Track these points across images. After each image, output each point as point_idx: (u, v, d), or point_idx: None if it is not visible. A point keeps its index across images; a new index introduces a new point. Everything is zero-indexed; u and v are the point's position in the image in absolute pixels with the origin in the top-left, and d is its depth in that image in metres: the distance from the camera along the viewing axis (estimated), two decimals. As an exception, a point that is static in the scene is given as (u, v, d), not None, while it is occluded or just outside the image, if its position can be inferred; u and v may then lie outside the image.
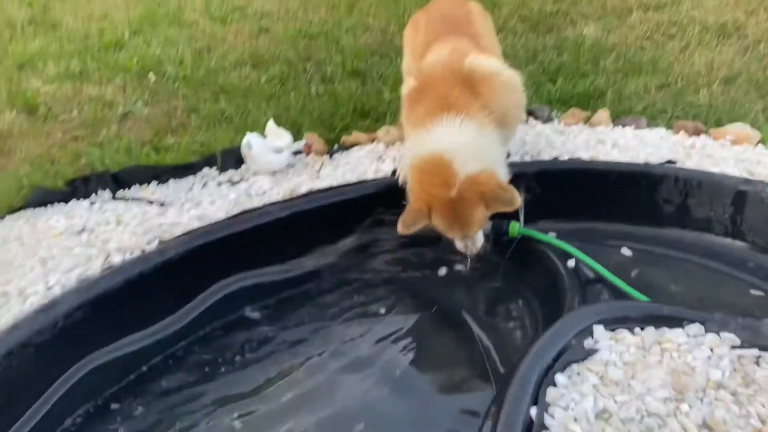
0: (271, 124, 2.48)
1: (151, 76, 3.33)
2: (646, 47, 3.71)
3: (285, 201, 2.20)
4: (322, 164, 2.45)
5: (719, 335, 1.51)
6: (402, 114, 2.23)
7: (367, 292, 2.16)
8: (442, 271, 2.23)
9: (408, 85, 2.17)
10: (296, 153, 2.50)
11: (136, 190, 2.32)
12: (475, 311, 2.04)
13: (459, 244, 2.00)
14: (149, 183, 2.35)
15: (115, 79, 3.30)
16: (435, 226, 1.90)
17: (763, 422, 1.32)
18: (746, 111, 2.84)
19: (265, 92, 3.18)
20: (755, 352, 1.46)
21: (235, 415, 1.70)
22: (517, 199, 1.82)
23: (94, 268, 1.87)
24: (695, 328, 1.53)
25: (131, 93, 3.13)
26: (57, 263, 1.89)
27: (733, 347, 1.48)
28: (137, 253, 1.94)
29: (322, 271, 2.17)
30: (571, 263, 2.06)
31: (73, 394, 1.69)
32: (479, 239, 2.00)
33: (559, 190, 2.29)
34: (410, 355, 1.91)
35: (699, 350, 1.48)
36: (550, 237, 2.09)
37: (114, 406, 1.73)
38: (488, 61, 2.11)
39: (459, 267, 2.23)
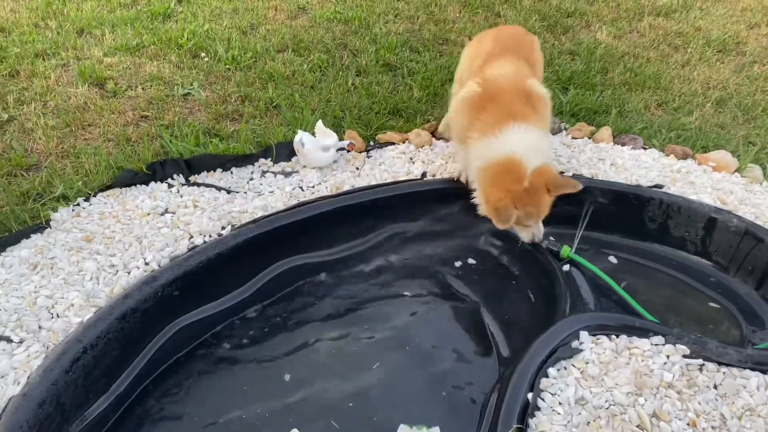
0: (320, 124, 2.86)
1: (204, 56, 3.65)
2: (651, 59, 4.06)
3: (334, 196, 2.61)
4: (363, 162, 2.84)
5: (675, 346, 1.97)
6: (455, 115, 2.63)
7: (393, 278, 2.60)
8: (458, 263, 2.66)
9: (471, 89, 2.53)
10: (340, 150, 2.88)
11: (204, 177, 2.71)
12: (485, 302, 2.49)
13: (526, 235, 2.45)
14: (215, 170, 2.74)
15: (170, 55, 3.63)
16: (523, 213, 2.33)
17: (697, 415, 1.80)
18: (730, 137, 3.24)
19: (308, 81, 3.52)
20: (700, 361, 1.93)
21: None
22: (574, 181, 2.33)
23: (182, 248, 2.29)
24: (658, 339, 1.99)
25: (187, 73, 3.47)
26: (150, 242, 2.30)
27: (684, 356, 1.95)
28: (214, 236, 2.36)
29: (359, 255, 2.61)
30: (565, 268, 2.51)
31: (167, 347, 2.15)
32: (542, 227, 2.44)
33: (567, 202, 2.70)
34: (430, 331, 2.35)
35: (658, 357, 1.94)
36: (591, 265, 2.47)
37: (200, 351, 2.18)
38: (540, 86, 2.58)
39: (471, 261, 2.67)
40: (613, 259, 2.65)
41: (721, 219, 2.56)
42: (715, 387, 1.87)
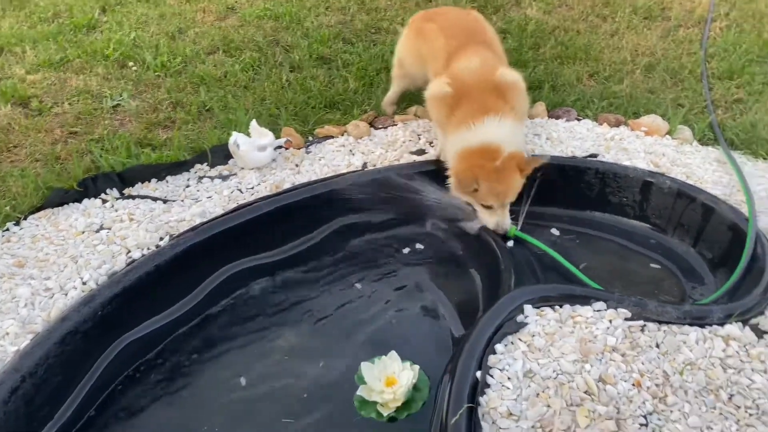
0: (254, 124, 2.82)
1: (132, 65, 3.56)
2: (581, 31, 4.12)
3: (274, 195, 2.58)
4: (302, 159, 2.82)
5: (616, 310, 2.01)
6: (431, 110, 2.73)
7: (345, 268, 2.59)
8: (406, 250, 2.66)
9: (442, 89, 2.61)
10: (277, 148, 2.85)
11: (139, 188, 2.65)
12: (435, 286, 2.50)
13: (491, 221, 2.49)
14: (150, 181, 2.68)
15: (96, 67, 3.53)
16: (480, 193, 2.41)
17: (641, 375, 1.84)
18: (660, 101, 3.32)
19: (240, 81, 3.48)
20: (641, 322, 1.98)
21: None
22: (544, 161, 2.48)
23: (120, 264, 2.24)
24: (599, 305, 2.03)
25: (115, 84, 3.38)
26: (87, 260, 2.24)
27: (626, 319, 1.99)
28: (153, 248, 2.31)
29: (306, 252, 2.59)
30: (509, 245, 2.55)
31: (112, 367, 2.10)
32: (508, 217, 2.51)
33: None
34: (382, 320, 2.35)
35: (601, 322, 1.98)
36: (537, 241, 2.51)
37: (145, 373, 2.14)
38: (511, 73, 2.65)
39: (420, 246, 2.68)
40: (555, 231, 2.69)
41: (656, 182, 2.62)
42: (657, 346, 1.92)
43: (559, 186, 2.75)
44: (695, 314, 1.99)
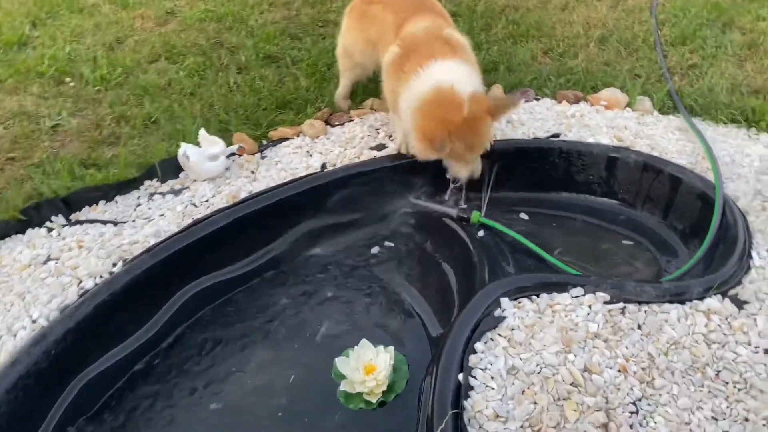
0: (203, 133, 2.68)
1: (69, 81, 3.38)
2: (531, 8, 4.06)
3: (231, 206, 2.45)
4: (258, 165, 2.70)
5: (595, 294, 1.96)
6: (385, 83, 2.61)
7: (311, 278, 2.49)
8: (375, 249, 2.57)
9: (392, 53, 2.51)
10: (230, 156, 2.72)
11: (87, 212, 2.49)
12: (405, 285, 2.42)
13: (464, 171, 2.40)
14: (97, 203, 2.53)
15: (31, 86, 3.34)
16: (454, 150, 2.28)
17: (626, 360, 1.79)
18: (617, 73, 3.28)
19: (186, 88, 3.32)
20: (621, 305, 1.93)
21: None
22: (513, 99, 2.42)
23: (71, 296, 2.10)
24: (577, 290, 1.97)
25: (53, 102, 3.19)
26: (35, 296, 2.09)
27: (605, 303, 1.94)
28: (106, 276, 2.17)
29: (271, 262, 2.48)
30: (480, 234, 2.48)
31: (73, 406, 1.96)
32: (479, 162, 2.42)
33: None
34: (357, 327, 2.26)
35: (580, 309, 1.92)
36: (504, 227, 2.44)
37: (112, 409, 2.01)
38: (458, 34, 2.58)
39: (389, 244, 2.59)
40: (524, 216, 2.63)
41: (620, 157, 2.58)
42: (639, 327, 1.87)
43: (525, 169, 2.69)
44: (674, 291, 1.95)
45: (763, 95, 3.01)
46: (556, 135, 2.75)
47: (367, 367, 1.94)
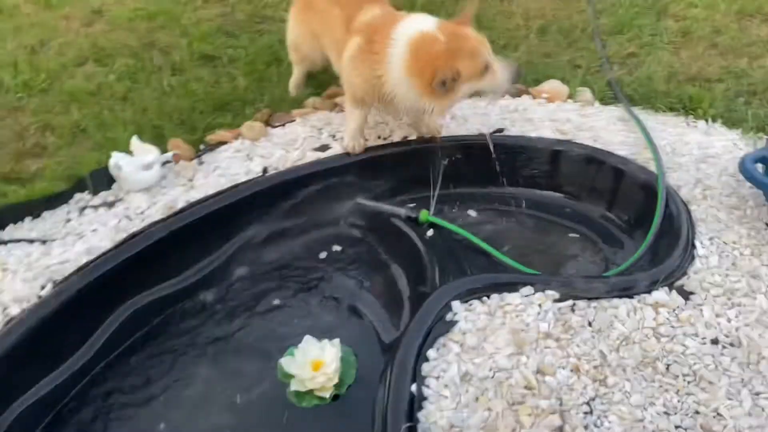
0: (135, 141, 2.55)
1: (-13, 89, 3.17)
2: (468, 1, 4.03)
3: (167, 218, 2.34)
4: (194, 172, 2.58)
5: (544, 292, 1.94)
6: (351, 77, 2.48)
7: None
8: (323, 254, 2.50)
9: (353, 45, 2.41)
10: (165, 164, 2.60)
11: (11, 231, 2.34)
12: (355, 289, 2.36)
13: (507, 72, 2.31)
14: (23, 220, 2.37)
15: (-55, 96, 3.12)
16: (467, 67, 2.20)
17: (578, 359, 1.78)
18: (558, 64, 3.29)
19: (117, 93, 3.16)
20: (570, 302, 1.91)
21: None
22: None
23: (-4, 324, 1.96)
24: (527, 289, 1.95)
25: (-30, 113, 2.99)
26: (-44, 326, 1.95)
27: (555, 301, 1.92)
28: (34, 300, 2.04)
29: (213, 275, 2.37)
30: (429, 233, 2.44)
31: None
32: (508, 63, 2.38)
33: (418, 163, 2.62)
34: (307, 333, 2.18)
35: (531, 308, 1.90)
36: (453, 225, 2.39)
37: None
38: None
39: (337, 248, 2.52)
40: (473, 213, 2.60)
41: (564, 150, 2.57)
42: (590, 324, 1.87)
43: (471, 165, 2.66)
44: (622, 285, 1.95)
45: (698, 82, 3.06)
46: (500, 130, 2.73)
47: (315, 363, 1.89)
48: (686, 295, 1.95)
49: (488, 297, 1.95)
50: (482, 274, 2.13)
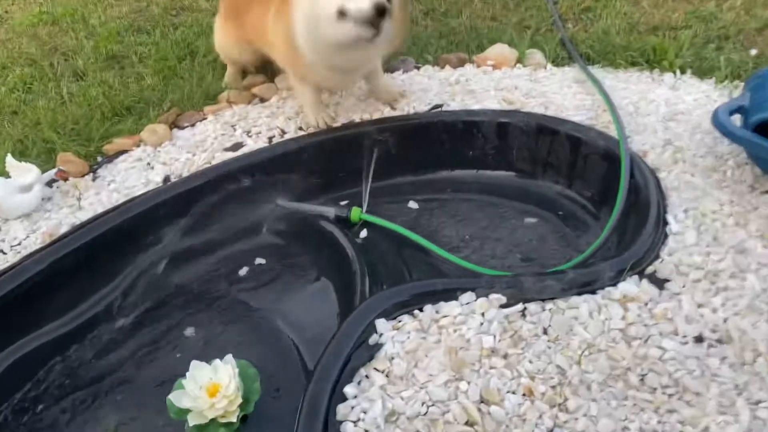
0: (10, 160, 2.17)
1: None
2: (409, -33, 3.65)
3: (43, 248, 1.97)
4: (82, 190, 2.21)
5: (488, 298, 1.58)
6: (280, 43, 2.20)
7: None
8: (244, 270, 2.14)
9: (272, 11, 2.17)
10: (52, 183, 2.23)
11: None
12: (280, 308, 2.00)
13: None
14: None
15: None
16: None
17: (532, 379, 1.42)
18: (504, 27, 2.92)
19: (9, 106, 2.78)
20: (520, 306, 1.56)
21: None
22: None
23: None
24: (467, 296, 1.59)
25: None
26: None
27: (501, 306, 1.57)
28: None
29: (108, 311, 2.01)
30: (363, 234, 2.08)
31: None
32: None
33: (348, 152, 2.27)
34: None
35: (472, 319, 1.54)
36: (389, 222, 2.06)
37: None
38: None
39: (260, 261, 2.16)
40: (413, 205, 2.24)
41: (511, 122, 2.21)
42: (545, 332, 1.51)
43: (407, 151, 2.30)
44: (581, 280, 1.59)
45: (662, 32, 2.70)
46: (438, 106, 2.36)
47: (211, 389, 1.55)
48: (660, 283, 1.59)
49: (420, 310, 1.59)
50: (413, 282, 1.75)
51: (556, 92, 2.36)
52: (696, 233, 1.70)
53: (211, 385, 1.55)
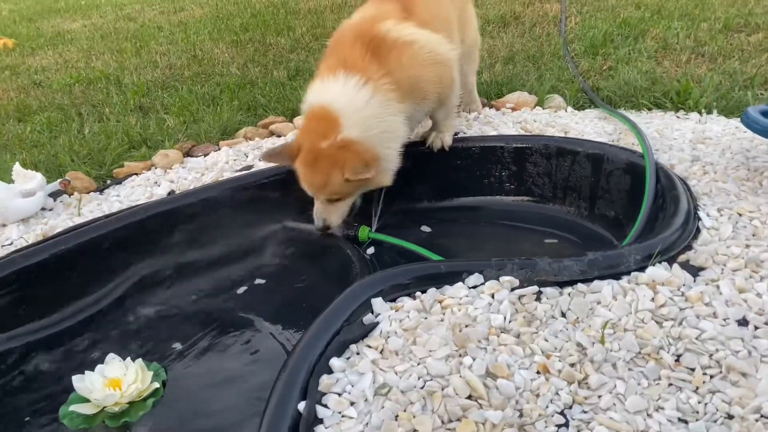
0: (17, 167, 2.15)
1: None
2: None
3: (35, 245, 1.87)
4: (80, 200, 2.15)
5: (498, 280, 1.42)
6: None
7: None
8: (242, 289, 2.00)
9: None
10: (56, 196, 2.18)
11: None
12: (283, 328, 1.83)
13: (315, 212, 1.89)
14: None
15: None
16: (297, 171, 1.84)
17: (548, 356, 1.22)
18: (524, 81, 2.92)
19: (30, 141, 2.81)
20: (534, 288, 1.39)
21: None
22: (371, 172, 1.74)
23: None
24: (474, 278, 1.43)
25: None
26: None
27: (513, 289, 1.40)
28: None
29: (99, 317, 1.87)
30: (370, 251, 1.97)
31: None
32: (335, 216, 1.88)
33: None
34: (218, 388, 1.65)
35: (480, 299, 1.37)
36: (399, 240, 1.96)
37: None
38: (408, 29, 1.91)
39: (260, 281, 2.03)
40: (426, 228, 2.11)
41: (529, 146, 2.13)
42: (563, 314, 1.32)
43: (420, 176, 2.21)
44: (604, 263, 1.42)
45: (684, 80, 2.66)
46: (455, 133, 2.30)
47: (113, 382, 1.52)
48: (694, 270, 1.41)
49: (423, 291, 1.42)
50: (412, 264, 1.57)
51: (577, 122, 2.30)
52: (732, 228, 1.54)
53: (113, 379, 1.53)
